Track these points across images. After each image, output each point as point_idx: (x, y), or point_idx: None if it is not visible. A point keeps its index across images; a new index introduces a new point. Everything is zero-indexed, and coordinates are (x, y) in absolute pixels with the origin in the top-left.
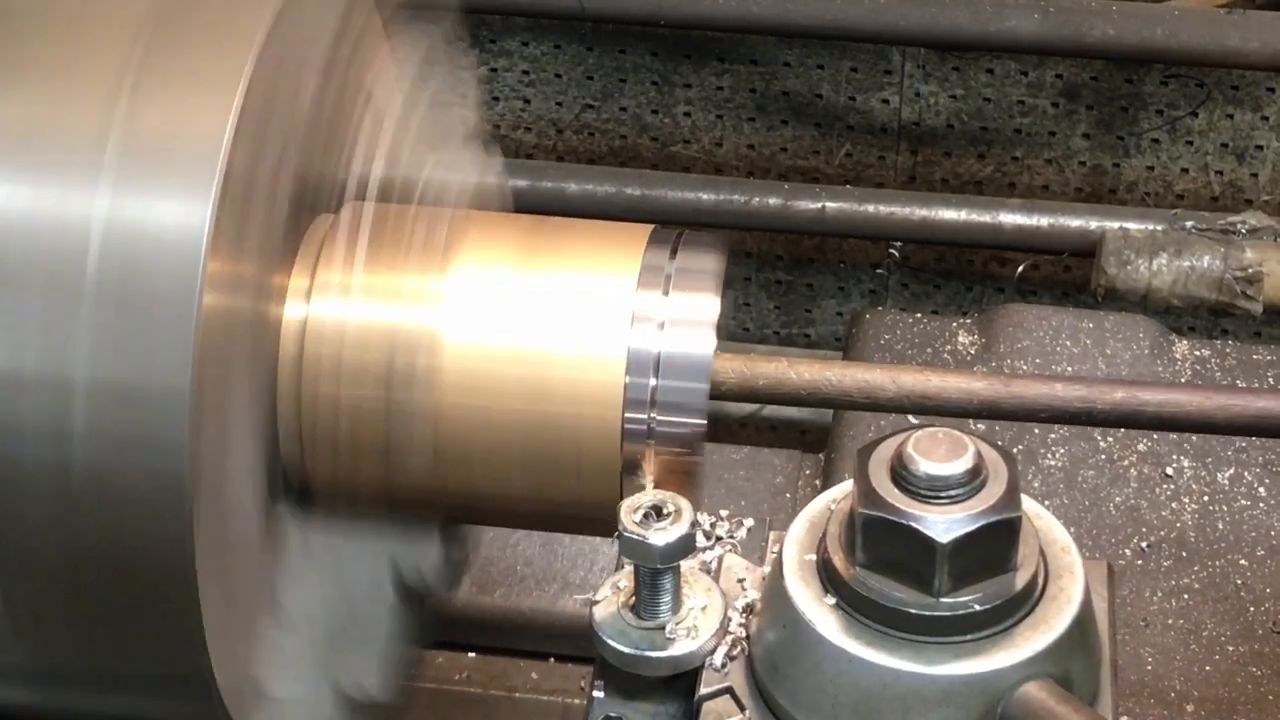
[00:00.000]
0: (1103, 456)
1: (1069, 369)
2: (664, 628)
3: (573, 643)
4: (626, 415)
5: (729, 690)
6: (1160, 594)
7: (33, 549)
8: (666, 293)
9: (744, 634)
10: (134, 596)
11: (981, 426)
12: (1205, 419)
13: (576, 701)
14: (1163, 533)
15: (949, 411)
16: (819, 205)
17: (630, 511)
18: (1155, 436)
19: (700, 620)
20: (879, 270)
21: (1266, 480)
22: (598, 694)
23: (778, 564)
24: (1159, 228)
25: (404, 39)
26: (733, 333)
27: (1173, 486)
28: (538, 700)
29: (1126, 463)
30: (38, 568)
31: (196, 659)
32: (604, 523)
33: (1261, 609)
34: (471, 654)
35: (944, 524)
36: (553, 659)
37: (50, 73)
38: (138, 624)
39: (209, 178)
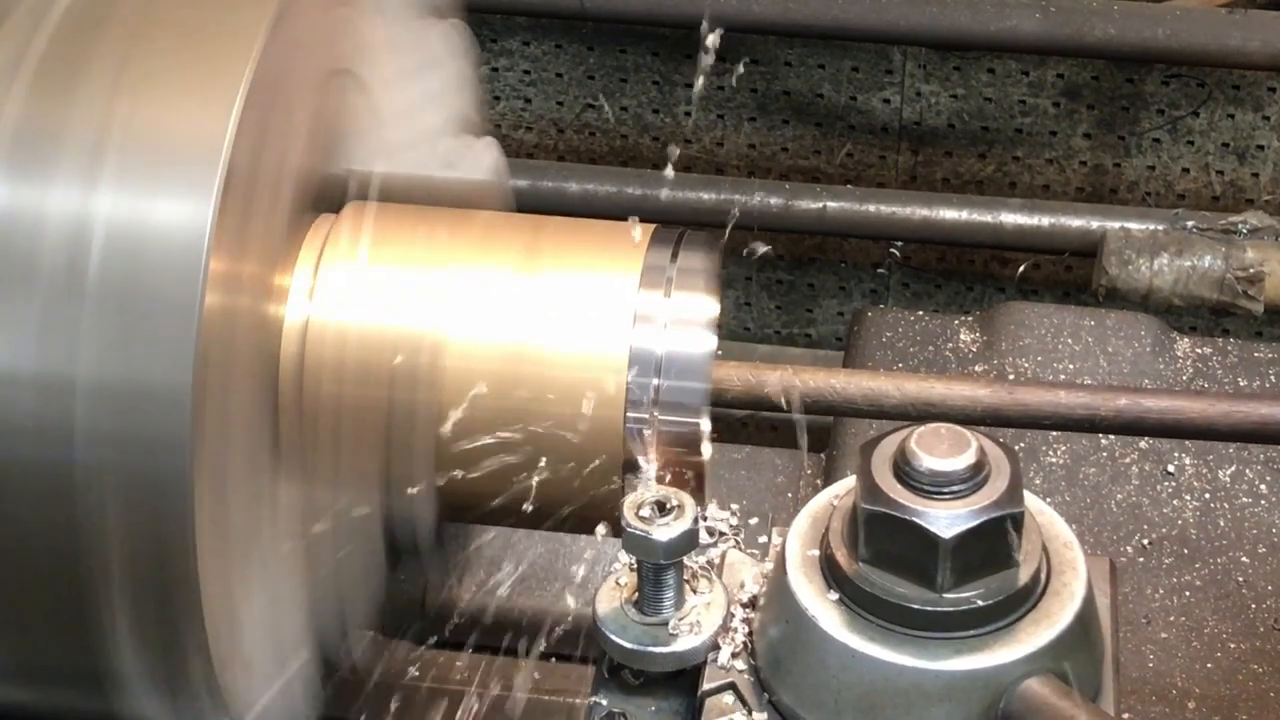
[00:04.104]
0: (1104, 454)
1: (1070, 367)
2: (667, 623)
3: (574, 642)
4: (629, 415)
5: (732, 686)
6: (1162, 591)
7: (33, 549)
8: (668, 293)
9: (747, 629)
10: (135, 596)
11: None
12: (1209, 426)
13: (578, 701)
14: (1164, 530)
15: (953, 418)
16: (820, 205)
17: (633, 507)
18: None
19: (703, 616)
20: (880, 270)
21: (1268, 478)
22: (600, 691)
23: (780, 559)
24: (1160, 227)
25: (406, 38)
26: (734, 332)
27: (1174, 484)
28: (539, 700)
29: (1128, 460)
30: (37, 567)
31: (197, 658)
32: (606, 522)
33: (1263, 606)
34: (471, 653)
35: (947, 519)
36: (554, 659)
37: (52, 71)
38: (139, 624)
39: (211, 177)
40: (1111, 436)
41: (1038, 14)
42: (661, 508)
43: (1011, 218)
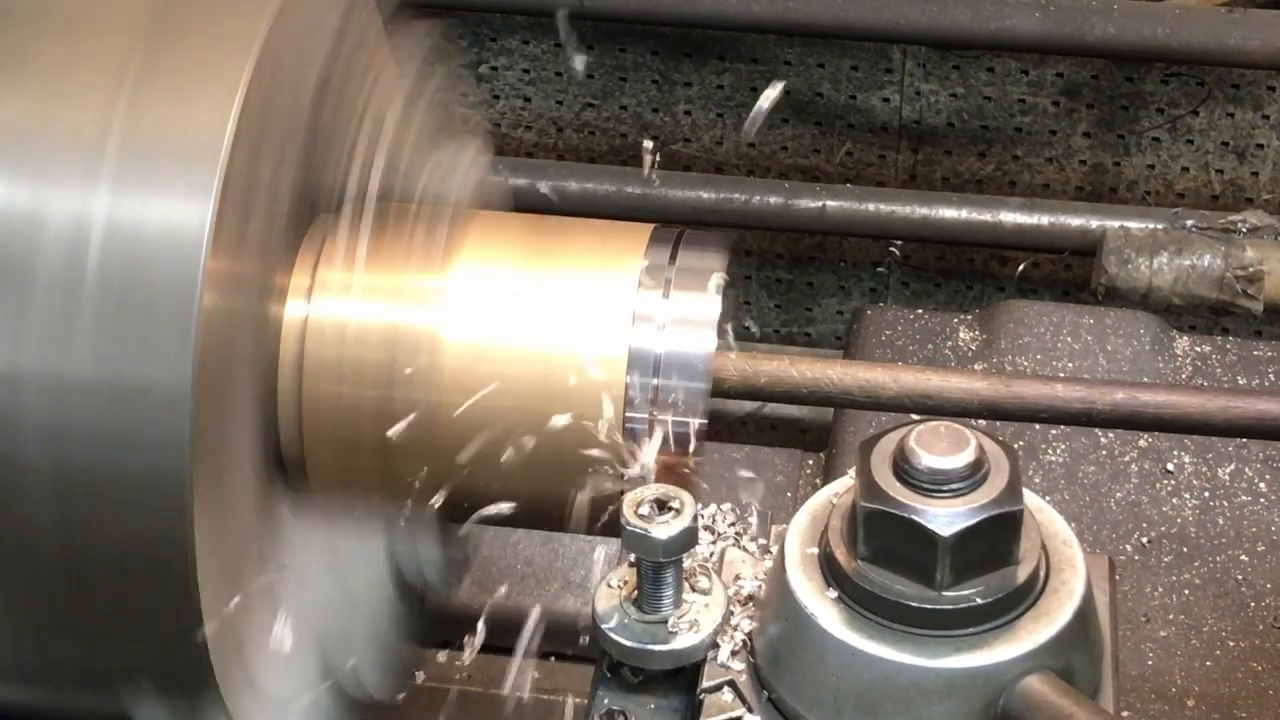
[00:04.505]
0: (1104, 452)
1: (1070, 365)
2: (666, 621)
3: (574, 642)
4: (627, 415)
5: (731, 683)
6: (1161, 589)
7: (33, 548)
8: (667, 293)
9: (746, 627)
10: (134, 595)
11: (983, 421)
12: (1205, 420)
13: (578, 700)
14: (1163, 528)
15: (949, 411)
16: (819, 204)
17: (633, 505)
18: (1156, 433)
19: (702, 614)
20: (880, 269)
21: (1267, 476)
22: (600, 689)
23: (780, 557)
24: (1160, 226)
25: (404, 37)
26: (733, 331)
27: (1173, 482)
28: (538, 699)
29: (1127, 458)
30: (38, 566)
31: (196, 657)
32: (605, 521)
33: (1262, 604)
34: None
35: (946, 517)
36: (553, 658)
37: (51, 72)
38: (138, 623)
39: (210, 177)
40: (1111, 434)
41: (1037, 13)
42: (661, 506)
43: (1011, 217)
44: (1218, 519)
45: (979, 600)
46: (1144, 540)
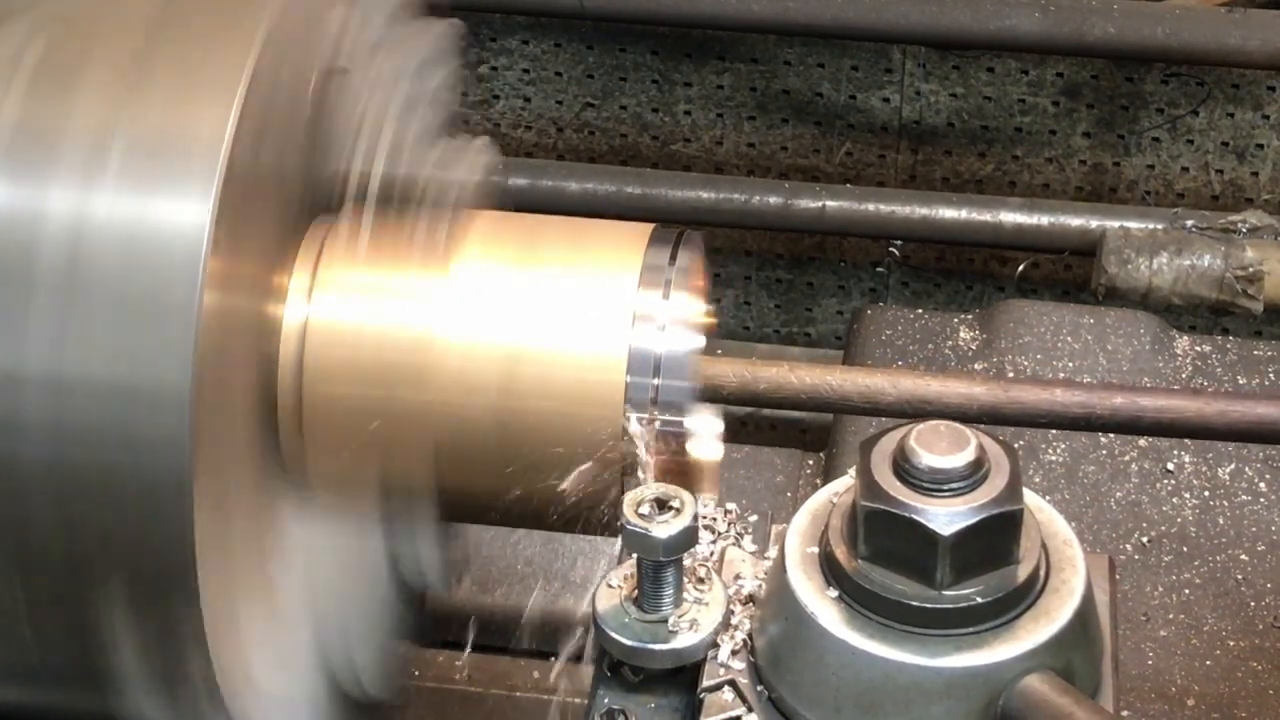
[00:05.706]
0: (1104, 452)
1: (1070, 365)
2: (666, 621)
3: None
4: (628, 415)
5: (731, 683)
6: (1161, 589)
7: (33, 548)
8: (667, 293)
9: (746, 627)
10: (134, 596)
11: None
12: (1204, 425)
13: (577, 700)
14: (1163, 528)
15: (949, 416)
16: (819, 204)
17: (633, 505)
18: None
19: (702, 613)
20: (879, 269)
21: (1267, 475)
22: (600, 689)
23: (780, 557)
24: (1159, 226)
25: (405, 37)
26: (733, 331)
27: (1173, 482)
28: (538, 699)
29: (1127, 458)
30: (37, 567)
31: (196, 658)
32: (605, 521)
33: (1262, 604)
34: (471, 652)
35: (946, 516)
36: (553, 658)
37: (51, 71)
38: (138, 624)
39: (210, 177)
40: (1111, 435)
41: (1037, 13)
42: (661, 505)
43: (1011, 217)
44: (1218, 518)
45: (979, 599)
46: (1144, 540)
